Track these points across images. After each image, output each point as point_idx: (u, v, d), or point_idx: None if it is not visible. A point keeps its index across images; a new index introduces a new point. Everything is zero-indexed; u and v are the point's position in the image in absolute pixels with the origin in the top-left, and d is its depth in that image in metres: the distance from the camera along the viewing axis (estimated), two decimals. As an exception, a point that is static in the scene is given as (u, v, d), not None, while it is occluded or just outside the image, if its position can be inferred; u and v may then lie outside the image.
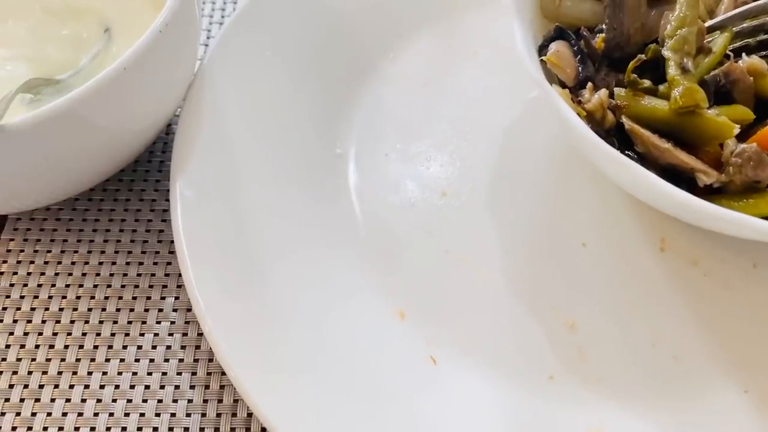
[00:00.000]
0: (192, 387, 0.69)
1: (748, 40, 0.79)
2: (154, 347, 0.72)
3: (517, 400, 0.67)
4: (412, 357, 0.69)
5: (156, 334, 0.73)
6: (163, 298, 0.75)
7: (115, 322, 0.73)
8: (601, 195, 0.80)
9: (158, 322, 0.73)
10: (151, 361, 0.71)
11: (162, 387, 0.69)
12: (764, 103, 0.76)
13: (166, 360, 0.71)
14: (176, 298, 0.75)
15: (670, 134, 0.71)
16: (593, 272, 0.75)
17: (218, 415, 0.68)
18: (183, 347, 0.72)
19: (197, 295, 0.67)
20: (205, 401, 0.69)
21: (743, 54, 0.76)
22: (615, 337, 0.71)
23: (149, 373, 0.70)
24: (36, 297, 0.75)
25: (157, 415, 0.68)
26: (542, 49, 0.78)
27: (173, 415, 0.68)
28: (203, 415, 0.68)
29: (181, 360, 0.71)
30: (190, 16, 0.78)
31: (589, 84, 0.75)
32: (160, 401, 0.68)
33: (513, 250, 0.77)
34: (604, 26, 0.77)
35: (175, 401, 0.69)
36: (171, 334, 0.73)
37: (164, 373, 0.70)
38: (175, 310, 0.74)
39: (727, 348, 0.70)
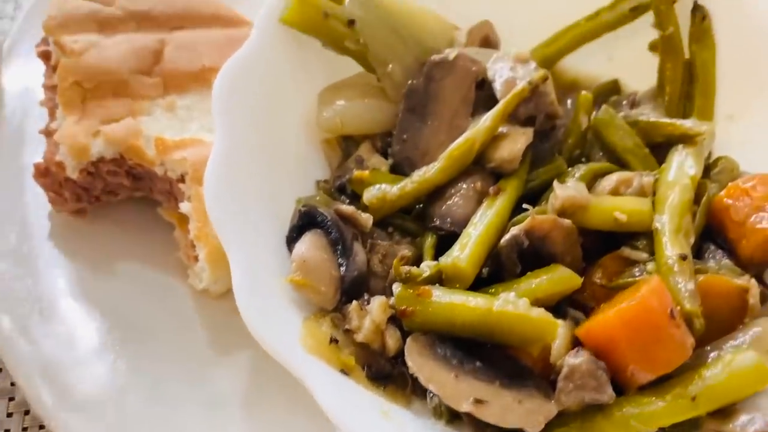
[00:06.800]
0: None
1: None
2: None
3: None
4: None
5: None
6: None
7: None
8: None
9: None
10: None
11: None
12: (598, 235, 0.61)
13: None
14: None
15: (485, 337, 0.56)
16: None
17: None
18: None
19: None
20: None
21: (555, 183, 0.61)
22: None
23: None
24: None
25: None
26: (291, 243, 0.59)
27: None
28: None
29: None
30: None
31: (355, 303, 0.56)
32: None
33: None
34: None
35: None
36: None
37: None
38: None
39: None
